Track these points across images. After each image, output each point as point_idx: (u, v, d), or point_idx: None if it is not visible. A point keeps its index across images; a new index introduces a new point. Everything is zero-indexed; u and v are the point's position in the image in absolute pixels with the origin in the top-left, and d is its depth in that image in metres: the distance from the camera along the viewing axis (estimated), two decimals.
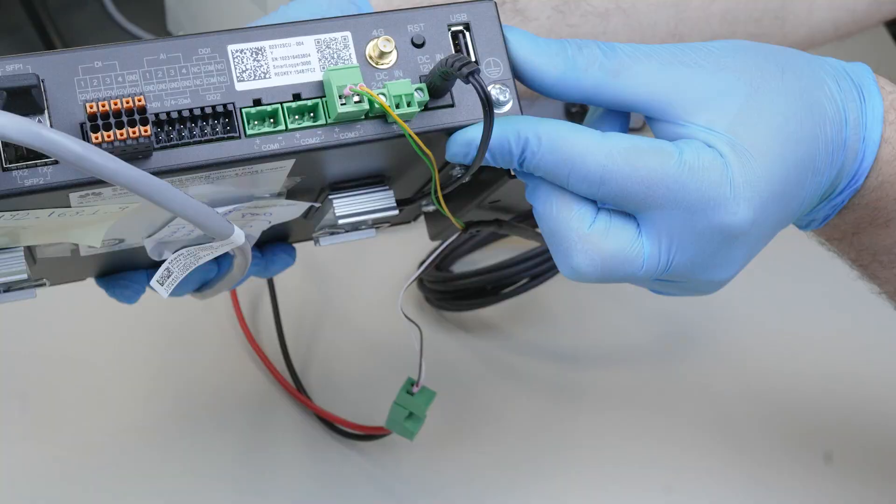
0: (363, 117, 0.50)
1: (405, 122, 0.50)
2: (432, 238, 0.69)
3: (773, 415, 0.76)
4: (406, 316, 0.63)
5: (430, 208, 0.64)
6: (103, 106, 0.47)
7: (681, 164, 0.51)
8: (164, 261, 0.59)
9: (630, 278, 0.53)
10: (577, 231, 0.52)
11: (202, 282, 0.65)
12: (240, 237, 0.50)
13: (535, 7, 0.70)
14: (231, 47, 0.50)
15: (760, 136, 0.52)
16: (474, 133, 0.51)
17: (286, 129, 0.50)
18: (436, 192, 0.55)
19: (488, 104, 0.48)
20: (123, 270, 0.66)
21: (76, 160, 0.42)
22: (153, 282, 0.55)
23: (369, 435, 0.75)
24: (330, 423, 0.76)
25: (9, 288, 0.57)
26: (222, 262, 0.64)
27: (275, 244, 0.67)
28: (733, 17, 0.77)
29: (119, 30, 1.06)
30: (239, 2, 0.90)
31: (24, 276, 0.53)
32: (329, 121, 0.50)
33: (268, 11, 0.83)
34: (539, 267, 0.82)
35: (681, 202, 0.51)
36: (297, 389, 0.78)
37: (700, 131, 0.52)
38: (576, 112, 0.96)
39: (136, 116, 0.47)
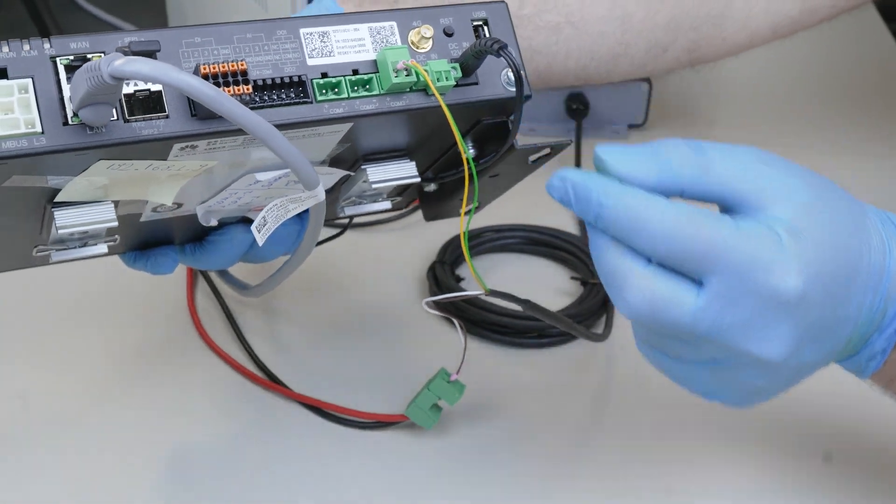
0: (409, 89, 0.62)
1: (442, 94, 0.62)
2: (427, 219, 0.79)
3: (773, 415, 0.74)
4: (438, 311, 0.68)
5: (432, 187, 0.76)
6: (213, 68, 0.58)
7: (737, 229, 0.55)
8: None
9: (677, 323, 0.56)
10: (633, 270, 0.56)
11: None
12: (321, 192, 0.59)
13: None
14: (302, 30, 0.61)
15: (815, 229, 0.56)
16: (569, 173, 0.58)
17: (348, 97, 0.61)
18: (473, 165, 0.65)
19: (517, 72, 0.61)
20: (155, 246, 0.73)
21: (209, 101, 0.52)
22: (253, 227, 0.63)
23: (382, 423, 0.76)
24: (331, 416, 0.77)
25: (85, 243, 0.66)
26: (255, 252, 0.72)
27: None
28: (676, 24, 0.85)
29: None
30: (239, 1, 0.95)
31: (115, 223, 0.62)
32: (382, 91, 0.62)
33: (269, 11, 0.90)
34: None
35: (735, 264, 0.55)
36: (301, 394, 0.78)
37: (764, 219, 0.56)
38: (576, 109, 1.04)
39: (240, 78, 0.58)
